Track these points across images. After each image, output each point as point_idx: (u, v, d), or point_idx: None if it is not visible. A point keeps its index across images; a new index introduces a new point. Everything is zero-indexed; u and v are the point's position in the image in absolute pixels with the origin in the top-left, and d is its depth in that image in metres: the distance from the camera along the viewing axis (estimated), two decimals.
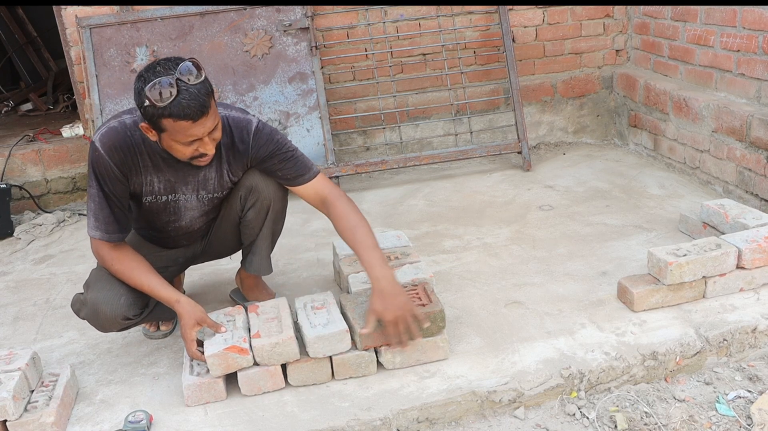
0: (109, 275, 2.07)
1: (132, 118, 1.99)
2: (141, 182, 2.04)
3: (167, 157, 2.00)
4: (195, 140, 1.86)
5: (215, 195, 2.17)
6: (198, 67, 1.82)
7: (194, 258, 2.43)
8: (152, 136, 1.89)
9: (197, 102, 1.78)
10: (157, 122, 1.82)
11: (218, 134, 1.92)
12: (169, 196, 2.11)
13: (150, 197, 2.09)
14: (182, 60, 1.82)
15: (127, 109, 2.05)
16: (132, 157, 1.99)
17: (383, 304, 1.94)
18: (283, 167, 2.11)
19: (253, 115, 2.10)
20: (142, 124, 1.88)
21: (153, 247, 2.29)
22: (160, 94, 1.76)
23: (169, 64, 1.81)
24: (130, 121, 1.98)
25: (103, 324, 2.10)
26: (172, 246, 2.33)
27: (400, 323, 1.94)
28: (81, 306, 2.11)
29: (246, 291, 2.50)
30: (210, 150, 1.91)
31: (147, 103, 1.79)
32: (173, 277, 2.42)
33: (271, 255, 2.38)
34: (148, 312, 2.16)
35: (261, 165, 2.12)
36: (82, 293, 2.12)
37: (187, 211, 2.17)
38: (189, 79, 1.79)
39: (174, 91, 1.77)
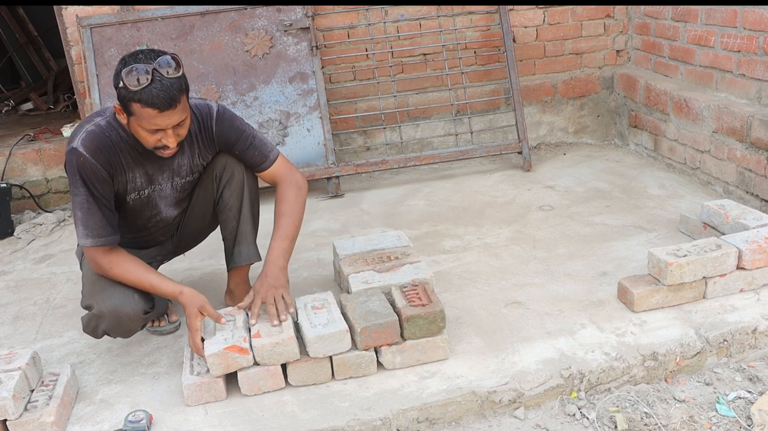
0: (109, 282, 2.07)
1: (105, 119, 2.04)
2: (125, 180, 2.09)
3: (143, 151, 2.05)
4: (159, 130, 1.93)
5: (187, 179, 2.23)
6: (177, 63, 1.91)
7: (168, 255, 2.47)
8: (122, 118, 1.97)
9: (167, 94, 1.86)
10: (127, 105, 1.90)
11: (183, 131, 2.00)
12: (148, 189, 2.16)
13: (134, 194, 2.14)
14: (165, 53, 1.92)
15: (95, 112, 2.12)
16: (115, 156, 2.03)
17: (261, 284, 2.10)
18: (245, 154, 2.22)
19: (211, 100, 2.20)
20: (116, 104, 1.95)
21: (130, 251, 2.27)
22: (136, 79, 1.85)
23: (152, 54, 1.90)
24: (105, 123, 2.03)
25: (128, 327, 2.11)
26: (148, 244, 2.36)
27: (269, 298, 2.07)
28: (98, 322, 2.09)
29: (236, 302, 2.44)
30: (171, 143, 1.97)
31: (121, 84, 1.88)
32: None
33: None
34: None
35: (227, 150, 2.23)
36: (88, 313, 2.10)
37: (161, 200, 2.21)
38: (166, 72, 1.88)
39: (148, 79, 1.85)
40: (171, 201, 2.24)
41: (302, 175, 2.28)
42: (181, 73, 1.91)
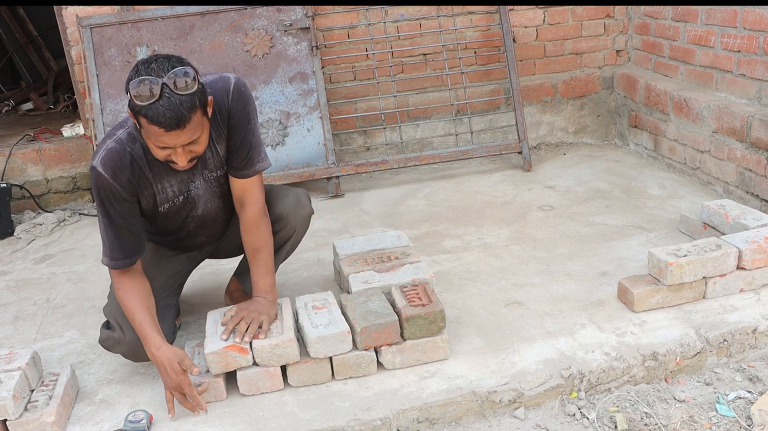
0: None
1: (126, 130, 1.94)
2: (153, 192, 2.01)
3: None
4: (167, 147, 1.82)
5: (219, 173, 2.11)
6: (193, 78, 1.76)
7: (199, 260, 2.41)
8: (137, 123, 1.84)
9: (174, 113, 1.72)
10: (136, 116, 1.79)
11: (199, 148, 1.86)
12: (183, 195, 2.08)
13: (166, 204, 2.06)
14: (182, 64, 1.77)
15: (118, 122, 2.01)
16: (138, 172, 1.95)
17: (247, 306, 2.06)
18: (239, 150, 2.04)
19: (229, 74, 2.03)
20: (128, 110, 1.83)
21: (168, 251, 2.27)
22: (143, 93, 1.72)
23: (166, 64, 1.75)
24: (125, 136, 1.93)
25: (143, 358, 2.08)
26: (188, 248, 2.29)
27: (248, 319, 2.01)
28: (115, 344, 2.08)
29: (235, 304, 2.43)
30: (181, 161, 1.84)
31: (129, 96, 1.76)
32: (188, 275, 2.40)
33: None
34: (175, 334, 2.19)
35: (230, 135, 2.03)
36: (108, 328, 2.09)
37: (200, 199, 2.12)
38: (177, 87, 1.73)
39: (156, 94, 1.71)
40: (209, 194, 2.12)
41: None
42: (195, 88, 1.75)
